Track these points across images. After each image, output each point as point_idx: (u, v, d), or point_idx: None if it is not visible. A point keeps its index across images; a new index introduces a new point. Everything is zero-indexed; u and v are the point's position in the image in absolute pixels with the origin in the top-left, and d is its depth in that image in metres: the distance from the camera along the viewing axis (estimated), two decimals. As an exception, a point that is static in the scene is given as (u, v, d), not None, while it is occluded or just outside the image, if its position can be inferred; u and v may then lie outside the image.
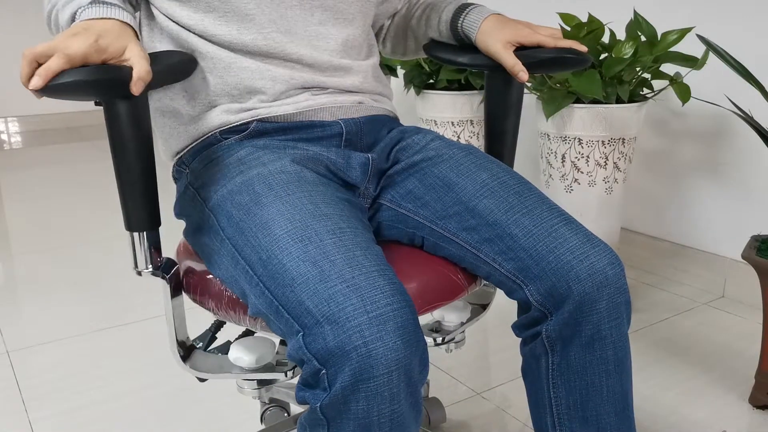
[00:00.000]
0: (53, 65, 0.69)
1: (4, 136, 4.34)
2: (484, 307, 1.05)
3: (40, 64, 0.70)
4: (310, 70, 0.93)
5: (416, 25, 1.10)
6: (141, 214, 0.80)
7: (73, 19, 0.80)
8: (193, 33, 0.90)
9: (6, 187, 3.18)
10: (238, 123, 0.91)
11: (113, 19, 0.78)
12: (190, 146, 0.95)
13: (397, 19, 1.14)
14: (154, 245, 0.84)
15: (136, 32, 0.80)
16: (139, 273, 0.85)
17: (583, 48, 0.98)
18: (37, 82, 0.68)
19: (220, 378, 0.90)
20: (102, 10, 0.78)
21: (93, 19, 0.77)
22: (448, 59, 1.06)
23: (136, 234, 0.82)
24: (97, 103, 0.77)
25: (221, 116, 0.91)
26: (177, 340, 0.89)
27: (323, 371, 0.67)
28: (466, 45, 1.05)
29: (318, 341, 0.67)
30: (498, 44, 0.98)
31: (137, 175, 0.78)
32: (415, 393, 0.70)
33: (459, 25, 1.03)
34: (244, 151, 0.88)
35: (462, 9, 1.04)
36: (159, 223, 0.83)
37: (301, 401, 0.72)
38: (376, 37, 1.16)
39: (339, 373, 0.66)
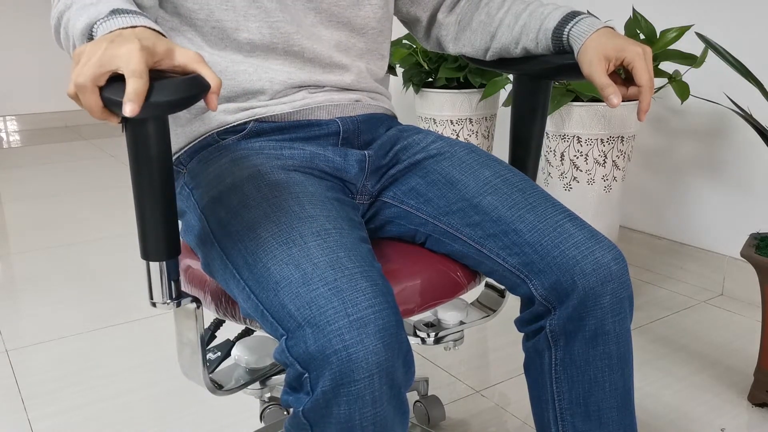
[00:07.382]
0: (139, 87, 0.60)
1: (3, 135, 4.33)
2: (492, 311, 1.05)
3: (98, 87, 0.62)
4: (308, 66, 0.93)
5: (504, 29, 1.00)
6: (160, 242, 0.74)
7: (90, 31, 0.69)
8: (193, 29, 0.90)
9: (5, 186, 3.18)
10: (235, 123, 0.91)
11: (141, 26, 0.66)
12: (188, 146, 0.95)
13: (465, 11, 1.06)
14: (174, 275, 0.77)
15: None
16: (154, 305, 0.78)
17: (645, 103, 0.88)
18: (134, 108, 0.59)
19: (244, 391, 0.89)
20: (126, 19, 0.67)
21: (120, 29, 0.65)
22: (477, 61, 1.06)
23: (153, 264, 0.75)
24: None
25: (219, 116, 0.91)
26: (210, 375, 0.85)
27: (306, 375, 0.67)
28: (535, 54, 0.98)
29: (300, 345, 0.67)
30: (594, 61, 0.87)
31: (161, 200, 0.72)
32: (399, 395, 0.70)
33: (565, 33, 0.93)
34: (238, 153, 0.88)
35: (571, 17, 0.93)
36: (179, 252, 0.76)
37: (285, 404, 0.72)
38: (438, 37, 1.10)
39: (320, 377, 0.66)
